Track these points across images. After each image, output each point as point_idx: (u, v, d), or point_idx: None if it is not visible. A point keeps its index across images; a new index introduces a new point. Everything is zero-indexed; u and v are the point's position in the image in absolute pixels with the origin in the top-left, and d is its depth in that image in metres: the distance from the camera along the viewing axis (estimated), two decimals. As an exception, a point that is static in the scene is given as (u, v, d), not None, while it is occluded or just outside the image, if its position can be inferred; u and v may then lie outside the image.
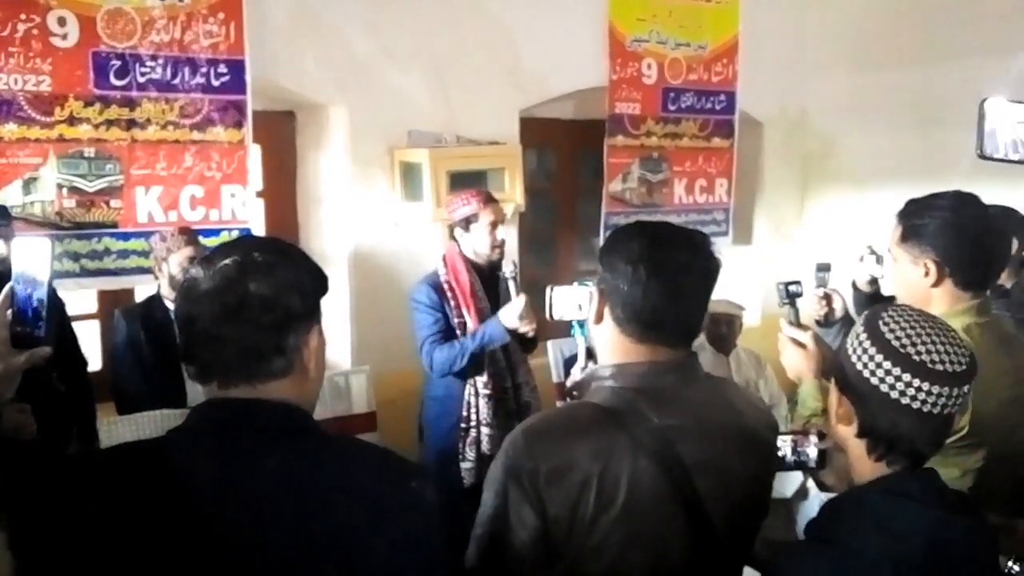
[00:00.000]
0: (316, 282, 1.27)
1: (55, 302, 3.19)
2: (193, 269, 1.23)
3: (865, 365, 1.34)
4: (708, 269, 1.53)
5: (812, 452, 1.74)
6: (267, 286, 1.19)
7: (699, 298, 1.53)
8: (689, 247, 1.52)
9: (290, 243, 1.34)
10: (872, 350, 1.34)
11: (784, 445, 1.75)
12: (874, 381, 1.33)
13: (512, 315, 3.22)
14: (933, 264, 1.96)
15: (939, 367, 1.30)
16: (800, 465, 1.78)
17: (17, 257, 1.35)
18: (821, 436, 1.73)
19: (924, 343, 1.32)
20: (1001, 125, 1.98)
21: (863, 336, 1.37)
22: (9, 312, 1.33)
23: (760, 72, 5.30)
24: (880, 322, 1.36)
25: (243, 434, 1.19)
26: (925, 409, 1.31)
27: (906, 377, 1.30)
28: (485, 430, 3.37)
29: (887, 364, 1.32)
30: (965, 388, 1.32)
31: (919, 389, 1.30)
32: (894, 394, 1.31)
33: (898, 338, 1.33)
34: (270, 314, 1.19)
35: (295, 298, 1.22)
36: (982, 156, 1.99)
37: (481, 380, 3.37)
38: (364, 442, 1.38)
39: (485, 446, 3.35)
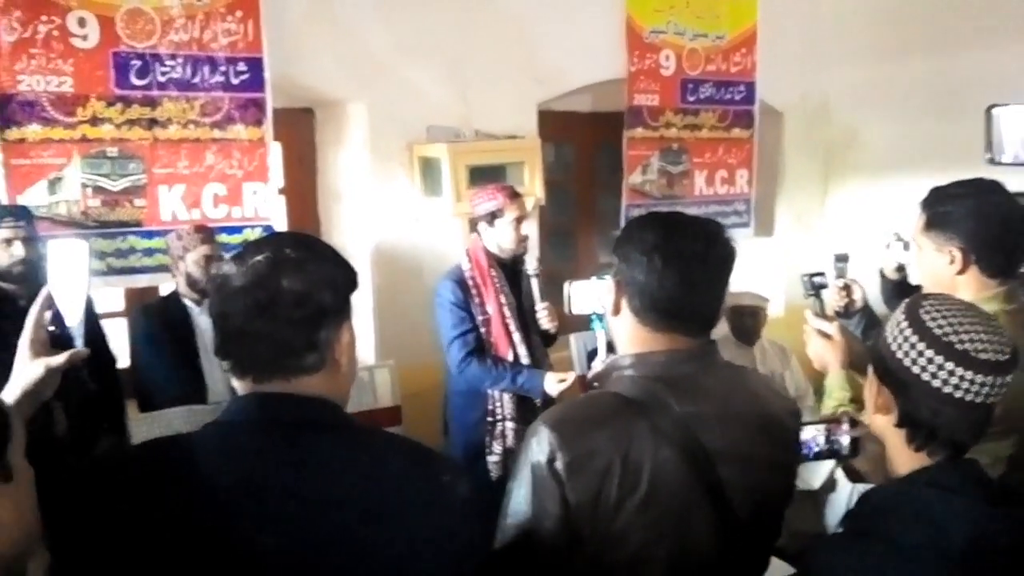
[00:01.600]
0: (347, 278, 1.28)
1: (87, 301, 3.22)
2: (226, 265, 1.24)
3: (907, 354, 1.33)
4: (723, 256, 1.53)
5: (845, 440, 1.73)
6: (299, 282, 1.20)
7: (716, 286, 1.53)
8: (703, 235, 1.52)
9: (321, 239, 1.34)
10: (914, 339, 1.32)
11: (817, 434, 1.73)
12: (916, 370, 1.31)
13: (557, 387, 3.24)
14: (958, 251, 1.94)
15: (983, 356, 1.28)
16: (833, 453, 1.77)
17: (53, 259, 1.36)
18: (853, 423, 1.72)
19: (968, 331, 1.30)
20: (1008, 129, 1.97)
21: (904, 325, 1.35)
22: (48, 314, 1.34)
23: (779, 61, 5.26)
24: (922, 311, 1.34)
25: (278, 428, 1.20)
26: (968, 398, 1.29)
27: (949, 366, 1.29)
28: (510, 424, 3.38)
29: (930, 353, 1.30)
30: (1008, 378, 1.30)
31: (963, 378, 1.28)
32: (936, 383, 1.30)
33: (941, 327, 1.31)
34: (302, 310, 1.20)
35: (327, 294, 1.23)
36: (992, 162, 1.98)
37: None
38: (397, 436, 1.38)
39: (510, 440, 3.36)
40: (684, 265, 1.48)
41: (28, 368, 1.35)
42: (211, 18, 3.56)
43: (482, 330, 3.36)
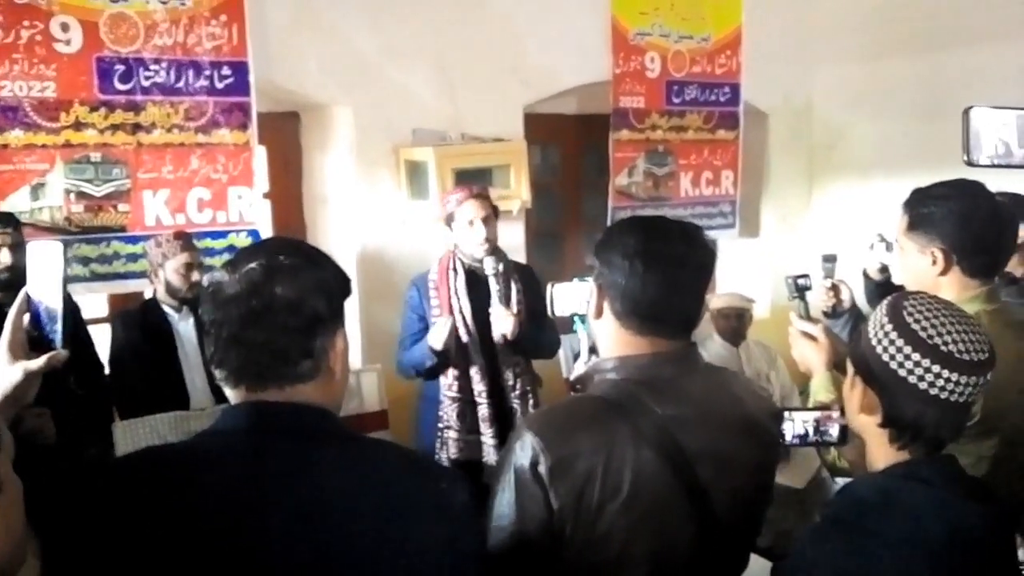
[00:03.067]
0: (340, 284, 1.28)
1: (71, 306, 3.21)
2: (219, 273, 1.23)
3: (892, 356, 1.34)
4: (704, 259, 1.55)
5: (834, 429, 1.74)
6: (293, 289, 1.20)
7: (696, 289, 1.56)
8: (683, 239, 1.54)
9: (313, 246, 1.34)
10: (899, 341, 1.33)
11: (807, 424, 1.74)
12: (902, 373, 1.33)
13: (438, 338, 3.12)
14: (940, 252, 1.95)
15: (966, 356, 1.30)
16: (822, 443, 1.77)
17: (31, 262, 1.36)
18: (843, 412, 1.72)
19: (950, 332, 1.31)
20: (985, 131, 1.97)
21: (888, 327, 1.36)
22: (26, 316, 1.33)
23: (764, 63, 5.28)
24: (904, 312, 1.35)
25: (275, 437, 1.19)
26: (952, 399, 1.31)
27: (935, 368, 1.30)
28: (451, 434, 3.28)
29: (916, 355, 1.31)
30: (988, 376, 1.32)
31: (947, 379, 1.30)
32: (923, 385, 1.31)
33: (924, 328, 1.32)
34: (297, 317, 1.19)
35: (321, 301, 1.22)
36: (969, 163, 1.99)
37: (448, 382, 3.28)
38: (392, 444, 1.39)
39: (452, 450, 3.27)
40: (665, 268, 1.50)
41: (6, 372, 1.32)
42: (195, 22, 3.55)
43: None
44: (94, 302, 3.86)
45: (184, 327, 3.31)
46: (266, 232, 3.94)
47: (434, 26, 4.17)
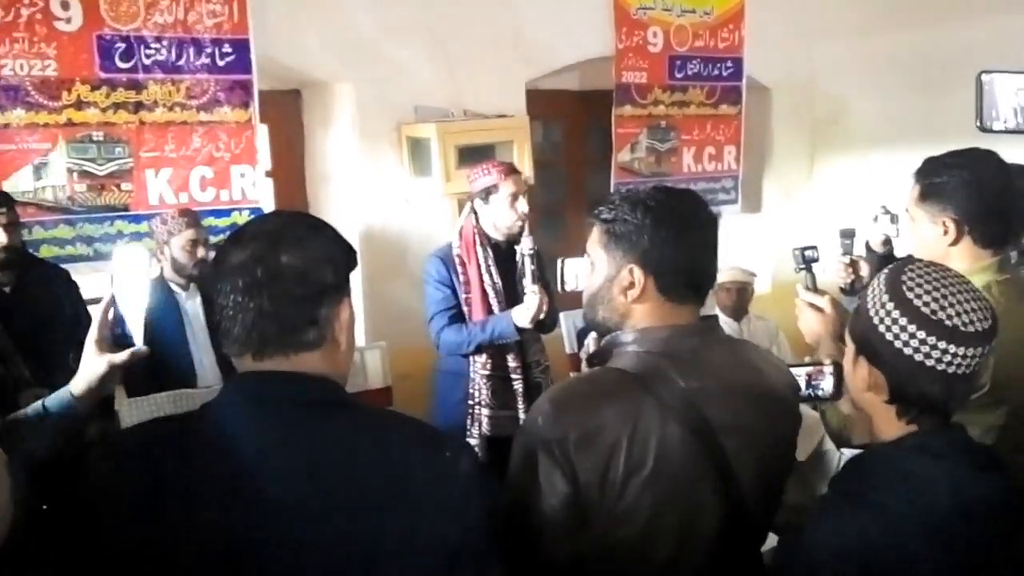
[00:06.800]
0: (346, 255, 1.28)
1: (71, 284, 3.22)
2: (225, 243, 1.24)
3: (896, 336, 1.31)
4: (713, 219, 1.56)
5: (828, 384, 1.73)
6: (299, 258, 1.20)
7: (712, 254, 1.56)
8: (693, 205, 1.55)
9: (319, 218, 1.34)
10: (903, 320, 1.31)
11: (799, 379, 1.74)
12: (908, 351, 1.30)
13: (525, 316, 3.11)
14: (952, 222, 1.94)
15: (970, 328, 1.28)
16: (815, 398, 1.77)
17: (118, 264, 1.53)
18: (839, 369, 1.73)
19: (951, 304, 1.29)
20: (1001, 96, 1.95)
21: (889, 305, 1.33)
22: (111, 314, 1.50)
23: (767, 37, 5.25)
24: (903, 287, 1.32)
25: (281, 405, 1.20)
26: (960, 372, 1.29)
27: (941, 344, 1.28)
28: (485, 411, 3.29)
29: (921, 333, 1.29)
30: (992, 344, 1.30)
31: (954, 354, 1.28)
32: (930, 362, 1.29)
33: (926, 303, 1.29)
34: (303, 286, 1.20)
35: (327, 270, 1.22)
36: (982, 128, 1.96)
37: (481, 359, 3.28)
38: (397, 413, 1.38)
39: (485, 426, 3.29)
40: (692, 234, 1.51)
41: (93, 363, 1.49)
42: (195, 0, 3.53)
43: (465, 310, 3.28)
44: (98, 281, 3.85)
45: (191, 305, 3.31)
46: (269, 210, 3.93)
47: (435, 2, 4.15)
